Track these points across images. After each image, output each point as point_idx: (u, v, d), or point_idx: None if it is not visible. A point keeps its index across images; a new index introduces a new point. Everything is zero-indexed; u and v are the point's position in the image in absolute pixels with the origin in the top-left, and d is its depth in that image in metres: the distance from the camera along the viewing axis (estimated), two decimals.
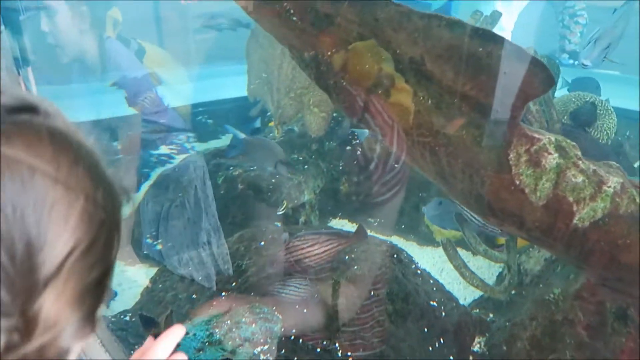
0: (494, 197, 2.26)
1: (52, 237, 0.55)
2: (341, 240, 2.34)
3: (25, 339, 0.53)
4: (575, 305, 2.45)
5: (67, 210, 0.56)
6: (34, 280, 0.53)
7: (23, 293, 0.53)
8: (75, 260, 0.56)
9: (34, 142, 0.56)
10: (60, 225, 0.56)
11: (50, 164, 0.56)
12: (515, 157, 2.20)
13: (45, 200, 0.55)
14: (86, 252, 0.58)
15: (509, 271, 2.98)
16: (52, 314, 0.55)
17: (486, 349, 2.73)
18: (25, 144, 0.56)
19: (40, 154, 0.56)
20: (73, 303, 0.57)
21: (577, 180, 2.16)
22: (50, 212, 0.55)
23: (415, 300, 2.62)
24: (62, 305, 0.55)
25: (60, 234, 0.55)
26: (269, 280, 2.48)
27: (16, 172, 0.54)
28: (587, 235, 2.20)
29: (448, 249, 2.90)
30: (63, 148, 0.59)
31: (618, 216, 2.16)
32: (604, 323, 2.35)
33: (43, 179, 0.55)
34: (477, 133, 2.22)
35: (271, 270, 2.39)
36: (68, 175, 0.57)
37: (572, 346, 2.39)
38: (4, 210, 0.52)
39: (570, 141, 2.30)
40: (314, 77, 2.27)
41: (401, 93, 2.10)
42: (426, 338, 2.57)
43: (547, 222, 2.22)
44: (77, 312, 0.57)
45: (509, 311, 2.97)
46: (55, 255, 0.55)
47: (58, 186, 0.56)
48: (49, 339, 0.55)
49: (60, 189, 0.56)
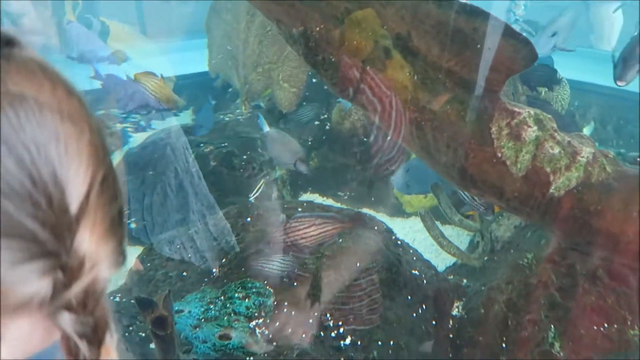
0: (476, 170, 2.36)
1: (73, 173, 0.54)
2: (336, 224, 2.40)
3: (73, 278, 0.53)
4: (548, 269, 2.62)
5: (78, 144, 0.55)
6: (69, 218, 0.53)
7: (64, 232, 0.53)
8: (97, 194, 0.56)
9: (31, 76, 0.54)
10: (76, 160, 0.54)
11: (52, 97, 0.55)
12: (497, 131, 2.30)
13: (59, 135, 0.53)
14: (104, 185, 0.57)
15: (482, 239, 3.12)
16: (91, 249, 0.55)
17: (464, 313, 2.88)
18: (26, 79, 0.53)
19: (41, 88, 0.54)
20: (105, 236, 0.57)
21: (554, 152, 2.29)
22: (66, 147, 0.53)
23: (399, 269, 2.72)
24: (97, 239, 0.56)
25: (78, 169, 0.54)
26: (261, 256, 2.51)
27: (29, 110, 0.52)
28: (562, 204, 2.34)
29: (426, 219, 3.00)
30: (55, 79, 0.57)
31: (590, 184, 2.32)
32: (575, 284, 2.52)
33: (51, 114, 0.53)
34: (461, 108, 2.30)
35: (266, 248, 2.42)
36: (69, 107, 0.56)
37: (546, 307, 2.56)
38: (31, 151, 0.51)
39: (546, 114, 2.42)
40: (302, 52, 2.27)
41: (396, 67, 2.14)
42: (410, 305, 2.68)
43: (525, 192, 2.34)
44: (110, 244, 0.58)
45: (483, 276, 3.13)
46: (79, 191, 0.54)
47: (65, 120, 0.55)
48: (93, 275, 0.55)
49: (67, 123, 0.55)
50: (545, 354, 2.57)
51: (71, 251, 0.53)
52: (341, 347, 2.33)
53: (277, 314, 2.32)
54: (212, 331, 2.17)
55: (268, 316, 2.26)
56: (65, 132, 0.54)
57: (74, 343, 0.56)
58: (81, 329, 0.55)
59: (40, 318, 0.54)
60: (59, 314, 0.54)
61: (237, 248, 2.38)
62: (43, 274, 0.51)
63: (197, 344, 2.14)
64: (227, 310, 2.25)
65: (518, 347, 2.63)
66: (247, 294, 2.32)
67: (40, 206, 0.51)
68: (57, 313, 0.54)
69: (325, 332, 2.35)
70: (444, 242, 2.98)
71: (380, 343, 2.43)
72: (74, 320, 0.55)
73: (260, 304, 2.30)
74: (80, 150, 0.55)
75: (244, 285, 2.35)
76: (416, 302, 2.71)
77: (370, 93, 2.23)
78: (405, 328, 2.57)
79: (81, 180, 0.55)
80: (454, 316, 2.86)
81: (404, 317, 2.62)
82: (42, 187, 0.51)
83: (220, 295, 2.32)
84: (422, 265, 2.90)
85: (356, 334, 2.39)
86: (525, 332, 2.63)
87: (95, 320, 0.57)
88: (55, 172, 0.52)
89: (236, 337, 2.18)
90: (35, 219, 0.50)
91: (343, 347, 2.34)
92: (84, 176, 0.55)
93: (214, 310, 2.25)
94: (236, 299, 2.29)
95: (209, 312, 2.24)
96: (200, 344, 2.15)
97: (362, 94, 2.29)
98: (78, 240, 0.54)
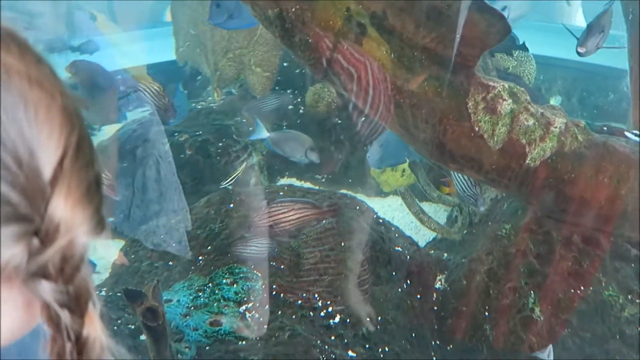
0: (455, 145, 2.40)
1: (45, 138, 0.53)
2: (314, 211, 2.43)
3: (47, 242, 0.53)
4: (526, 238, 2.70)
5: (49, 110, 0.54)
6: (42, 183, 0.52)
7: (37, 196, 0.52)
8: (71, 160, 0.55)
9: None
10: (47, 126, 0.54)
11: (20, 62, 0.53)
12: (474, 105, 2.34)
13: (27, 100, 0.52)
14: (78, 151, 0.57)
15: (460, 213, 3.20)
16: (66, 214, 0.54)
17: (447, 285, 2.96)
18: None
19: (8, 52, 0.53)
20: (82, 202, 0.56)
21: (528, 124, 2.35)
22: (35, 112, 0.53)
23: (382, 247, 2.76)
24: (72, 205, 0.55)
25: (50, 134, 0.54)
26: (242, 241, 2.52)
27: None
28: (538, 174, 2.41)
29: (406, 197, 3.05)
30: (23, 46, 0.55)
31: (564, 154, 2.39)
32: (552, 251, 2.62)
33: (19, 78, 0.52)
34: (438, 84, 2.33)
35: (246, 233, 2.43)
36: (38, 73, 0.55)
37: (525, 274, 2.65)
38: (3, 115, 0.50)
39: (520, 87, 2.48)
40: (278, 34, 2.26)
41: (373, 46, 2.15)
42: (395, 281, 2.74)
43: (503, 164, 2.40)
44: (87, 210, 0.57)
45: (463, 249, 3.21)
46: (53, 157, 0.54)
47: (33, 85, 0.54)
48: (68, 240, 0.55)
49: (36, 88, 0.54)
50: (526, 319, 2.67)
51: (45, 217, 0.53)
52: (331, 326, 2.36)
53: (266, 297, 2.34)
54: (202, 318, 2.18)
55: (257, 300, 2.28)
56: (34, 97, 0.53)
57: (55, 312, 0.55)
58: (61, 298, 0.55)
59: (18, 288, 0.54)
60: (37, 282, 0.53)
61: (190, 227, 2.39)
62: (17, 238, 0.51)
63: (188, 332, 2.15)
64: (216, 296, 2.26)
65: (500, 314, 2.72)
66: (234, 280, 2.33)
67: (9, 168, 0.50)
68: (34, 281, 0.53)
69: (315, 312, 2.39)
70: (424, 218, 3.04)
71: (369, 319, 2.47)
72: (52, 288, 0.54)
73: (248, 289, 2.31)
74: (52, 116, 0.54)
75: (231, 270, 2.36)
76: (401, 277, 2.76)
77: (346, 73, 2.24)
78: (392, 303, 2.63)
79: (54, 146, 0.54)
80: (438, 289, 2.93)
81: (390, 292, 2.67)
82: (11, 149, 0.50)
83: (208, 282, 2.32)
84: (404, 242, 2.95)
85: (345, 312, 2.43)
86: (506, 299, 2.73)
87: (75, 289, 0.56)
88: (24, 135, 0.51)
89: (227, 323, 2.19)
90: (5, 181, 0.50)
91: (333, 326, 2.37)
92: (57, 142, 0.54)
93: (202, 297, 2.25)
94: (224, 285, 2.30)
95: (198, 300, 2.24)
96: (192, 331, 2.15)
97: (339, 75, 2.29)
98: (52, 206, 0.53)
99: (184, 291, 2.27)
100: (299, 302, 2.41)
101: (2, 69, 0.51)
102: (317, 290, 2.46)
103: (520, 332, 2.62)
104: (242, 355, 2.04)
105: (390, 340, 2.46)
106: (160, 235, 2.47)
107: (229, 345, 2.09)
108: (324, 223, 2.69)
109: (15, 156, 0.51)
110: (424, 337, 2.67)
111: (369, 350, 2.34)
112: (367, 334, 2.41)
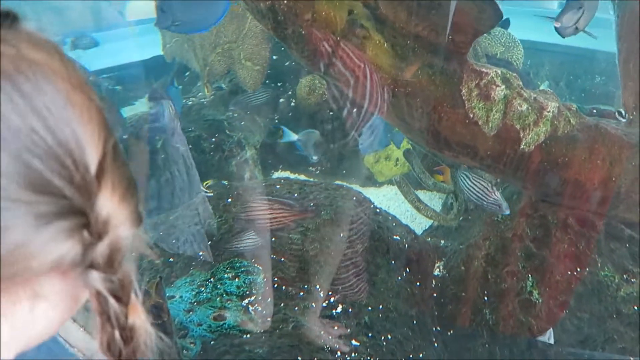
0: (450, 132, 2.42)
1: (89, 137, 0.56)
2: (292, 211, 2.45)
3: (98, 236, 0.55)
4: (522, 222, 2.73)
5: (89, 111, 0.57)
6: (91, 179, 0.55)
7: (88, 191, 0.55)
8: (111, 157, 0.58)
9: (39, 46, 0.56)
10: (91, 126, 0.57)
11: (61, 66, 0.57)
12: (467, 92, 2.36)
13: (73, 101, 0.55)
14: (116, 149, 0.60)
15: (456, 200, 3.22)
16: (113, 209, 0.57)
17: (446, 272, 2.99)
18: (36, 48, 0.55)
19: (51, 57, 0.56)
20: (125, 197, 0.59)
21: (522, 109, 2.37)
22: (81, 114, 0.56)
23: (381, 236, 2.78)
24: (119, 199, 0.58)
25: (93, 133, 0.57)
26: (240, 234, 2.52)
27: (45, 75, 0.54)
28: (532, 158, 2.44)
29: (402, 185, 3.07)
30: (60, 51, 0.58)
31: (557, 137, 2.42)
32: (548, 234, 2.65)
33: (62, 81, 0.55)
34: (431, 72, 2.34)
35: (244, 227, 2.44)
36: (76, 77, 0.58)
37: (522, 258, 2.69)
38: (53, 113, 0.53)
39: (512, 72, 2.50)
40: (271, 27, 2.25)
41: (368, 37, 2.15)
42: (394, 269, 2.76)
43: (498, 150, 2.43)
44: (130, 205, 0.60)
45: (460, 235, 3.24)
46: (96, 155, 0.56)
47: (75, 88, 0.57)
48: (117, 234, 0.57)
49: (78, 91, 0.57)
50: (525, 303, 2.71)
51: (95, 210, 0.56)
52: (334, 316, 2.38)
53: (268, 290, 2.35)
54: (206, 313, 2.18)
55: (259, 293, 2.28)
56: (78, 99, 0.56)
57: (104, 302, 0.58)
58: (110, 287, 0.58)
59: (72, 278, 0.57)
60: (88, 272, 0.56)
61: None
62: (72, 232, 0.54)
63: (192, 327, 2.15)
64: (218, 291, 2.26)
65: (499, 298, 2.75)
66: (236, 274, 2.34)
67: (65, 165, 0.53)
68: (86, 272, 0.56)
69: (317, 303, 2.40)
70: (420, 205, 3.06)
71: (370, 308, 2.49)
72: (103, 278, 0.57)
73: (250, 282, 2.32)
74: (92, 117, 0.57)
75: (232, 265, 2.36)
76: (400, 265, 2.78)
77: (341, 64, 2.24)
78: (392, 291, 2.65)
79: (96, 144, 0.57)
80: (436, 276, 2.96)
81: (389, 281, 2.69)
82: (66, 147, 0.53)
83: (209, 277, 2.32)
84: (402, 230, 2.97)
85: (347, 301, 2.45)
86: (504, 284, 2.76)
87: (120, 279, 0.59)
88: (75, 134, 0.55)
89: (231, 317, 2.20)
90: (63, 177, 0.53)
91: (335, 316, 2.39)
92: (98, 141, 0.57)
93: (205, 292, 2.26)
94: (226, 279, 2.30)
95: (201, 295, 2.24)
96: (196, 327, 2.16)
97: (334, 66, 2.29)
98: (101, 200, 0.56)
99: (186, 287, 2.28)
100: (301, 294, 2.42)
101: (50, 72, 0.55)
102: (319, 281, 2.47)
103: (519, 315, 2.66)
104: (247, 348, 2.05)
105: (392, 328, 2.48)
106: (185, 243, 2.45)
107: (233, 339, 2.10)
108: (323, 214, 2.70)
109: (70, 153, 0.54)
110: (425, 324, 2.70)
111: (372, 339, 2.37)
112: (370, 322, 2.43)
